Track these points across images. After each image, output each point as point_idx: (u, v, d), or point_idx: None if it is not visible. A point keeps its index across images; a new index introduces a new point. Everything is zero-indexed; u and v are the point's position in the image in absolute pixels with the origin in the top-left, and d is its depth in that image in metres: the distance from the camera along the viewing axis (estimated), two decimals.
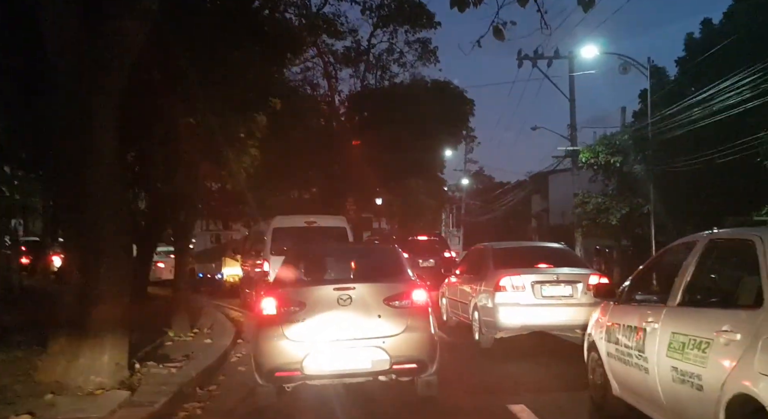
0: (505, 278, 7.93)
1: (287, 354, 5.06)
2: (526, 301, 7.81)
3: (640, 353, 4.09)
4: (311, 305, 5.18)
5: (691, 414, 3.47)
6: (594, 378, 5.16)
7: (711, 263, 3.93)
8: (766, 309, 3.01)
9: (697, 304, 3.82)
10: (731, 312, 3.37)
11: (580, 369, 5.69)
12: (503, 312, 7.80)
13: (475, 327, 8.62)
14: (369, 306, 5.22)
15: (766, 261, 3.16)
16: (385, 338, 5.11)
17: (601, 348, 4.93)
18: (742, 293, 3.43)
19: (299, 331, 5.10)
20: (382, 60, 27.74)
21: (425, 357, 5.21)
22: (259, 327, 5.36)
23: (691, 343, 3.46)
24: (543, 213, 43.33)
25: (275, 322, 5.15)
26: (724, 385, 3.07)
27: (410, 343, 5.16)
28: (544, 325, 8.05)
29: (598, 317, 5.16)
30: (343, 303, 5.19)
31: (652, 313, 4.08)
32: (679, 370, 3.55)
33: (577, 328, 7.55)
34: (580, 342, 7.48)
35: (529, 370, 7.23)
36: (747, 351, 2.97)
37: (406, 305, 5.28)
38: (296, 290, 5.46)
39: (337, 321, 5.15)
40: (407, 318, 5.22)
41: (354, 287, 5.30)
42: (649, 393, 3.99)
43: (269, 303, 5.25)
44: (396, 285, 5.49)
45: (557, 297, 7.86)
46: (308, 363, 5.02)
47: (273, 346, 5.11)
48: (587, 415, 5.28)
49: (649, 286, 4.74)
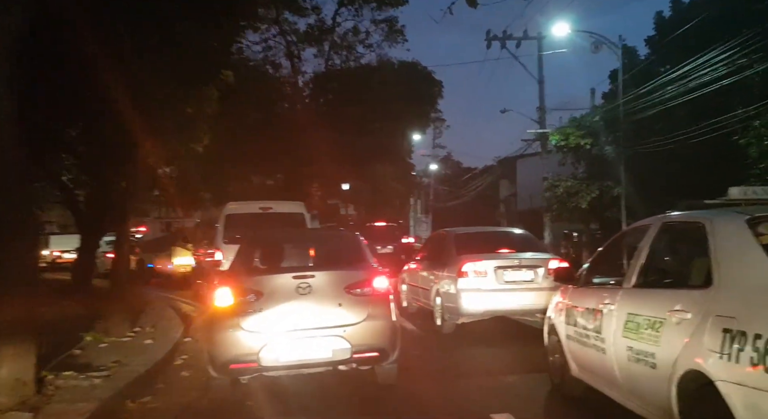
0: (468, 264, 7.88)
1: (243, 345, 4.89)
2: (488, 287, 7.80)
3: (598, 334, 4.17)
4: (268, 294, 5.01)
5: (646, 392, 3.57)
6: (553, 360, 5.22)
7: (664, 246, 4.01)
8: (714, 289, 3.09)
9: (651, 285, 3.89)
10: (683, 293, 3.44)
11: (539, 351, 5.74)
12: (466, 298, 7.77)
13: (436, 314, 8.52)
14: (329, 295, 5.09)
15: (715, 243, 3.24)
16: (346, 327, 5.00)
17: (560, 331, 5.01)
18: (693, 274, 3.51)
19: (256, 321, 4.93)
20: (348, 39, 26.70)
21: (386, 345, 5.13)
22: (212, 317, 5.17)
23: (646, 323, 3.54)
24: (511, 198, 43.12)
25: (230, 312, 4.97)
26: (676, 362, 3.15)
27: (371, 331, 5.07)
28: (507, 310, 8.04)
29: (558, 300, 5.23)
30: (303, 291, 5.03)
31: (609, 295, 4.16)
32: (634, 349, 3.63)
33: (538, 312, 7.53)
34: (539, 326, 7.61)
35: (489, 354, 7.24)
36: (697, 329, 3.04)
37: (368, 293, 5.18)
38: (252, 279, 5.27)
39: (296, 311, 5.00)
40: (368, 306, 5.12)
41: (314, 275, 5.15)
42: (606, 373, 4.08)
43: (223, 292, 5.06)
44: (357, 272, 5.36)
45: (519, 282, 7.89)
46: (265, 354, 4.86)
47: (228, 337, 4.92)
48: (546, 396, 5.27)
49: (607, 269, 4.75)
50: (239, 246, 6.18)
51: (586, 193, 19.81)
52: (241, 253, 5.91)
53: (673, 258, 4.08)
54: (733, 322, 2.83)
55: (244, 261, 5.81)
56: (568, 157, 21.41)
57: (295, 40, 26.24)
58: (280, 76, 26.56)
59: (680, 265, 3.90)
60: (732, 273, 3.10)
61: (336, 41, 27.09)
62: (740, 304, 2.93)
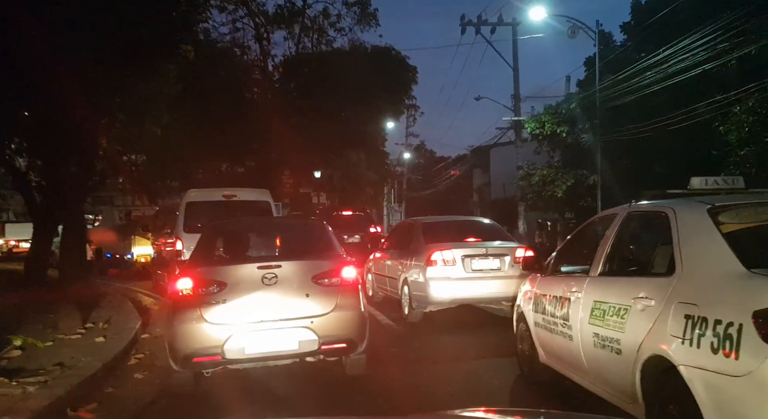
0: (437, 252, 7.90)
1: (206, 337, 4.74)
2: (456, 275, 7.84)
3: (565, 321, 4.24)
4: (233, 285, 4.86)
5: (611, 377, 3.64)
6: (522, 348, 5.29)
7: (629, 234, 4.08)
8: (677, 276, 3.16)
9: (616, 274, 3.96)
10: (647, 280, 3.52)
11: (504, 338, 5.87)
12: (434, 287, 7.81)
13: (404, 302, 8.53)
14: (296, 285, 4.97)
15: (678, 232, 3.31)
16: (314, 318, 4.90)
17: (529, 319, 5.07)
18: (657, 262, 3.56)
19: (220, 313, 4.78)
20: (318, 22, 25.92)
21: (355, 336, 5.06)
22: (174, 309, 4.96)
23: (611, 310, 3.61)
24: (484, 187, 43.04)
25: (192, 304, 4.80)
26: (640, 348, 3.23)
27: (340, 322, 4.99)
28: (474, 298, 8.10)
29: (527, 289, 5.27)
30: (269, 282, 4.90)
31: (576, 283, 4.22)
32: (600, 336, 3.70)
33: (504, 300, 7.71)
34: (503, 314, 7.81)
35: (455, 342, 7.27)
36: (660, 315, 3.11)
37: (336, 283, 5.08)
38: (216, 269, 5.12)
39: (262, 302, 4.87)
40: (337, 296, 5.03)
41: (280, 265, 5.02)
42: (573, 359, 4.16)
43: (185, 283, 4.89)
44: (325, 262, 5.25)
45: (486, 270, 7.96)
46: (230, 347, 4.72)
47: (190, 330, 4.76)
48: (515, 383, 5.33)
49: (574, 258, 4.78)
50: (201, 235, 5.90)
51: (562, 182, 19.62)
52: (202, 242, 5.68)
53: (637, 247, 4.14)
54: (694, 309, 2.89)
55: (206, 251, 5.62)
56: (543, 145, 21.21)
57: (263, 22, 25.34)
58: (248, 59, 25.67)
59: (645, 254, 3.94)
60: (693, 260, 3.16)
61: (306, 24, 26.31)
62: (701, 291, 3.00)
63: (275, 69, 27.14)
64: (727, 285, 2.89)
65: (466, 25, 23.64)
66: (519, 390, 5.15)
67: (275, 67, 27.14)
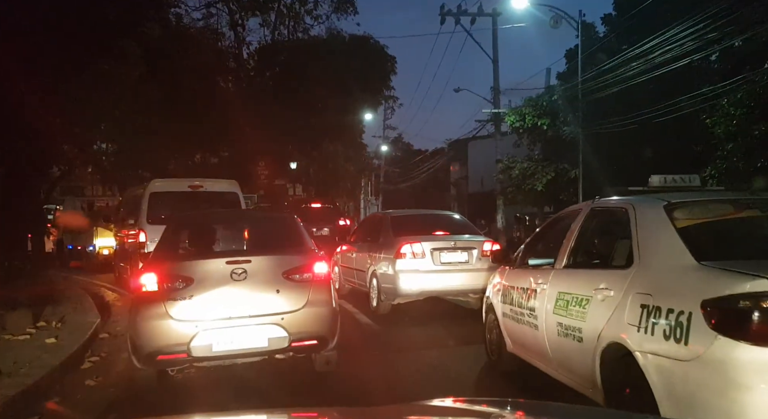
0: (406, 245, 8.00)
1: (172, 335, 4.57)
2: (425, 268, 7.95)
3: (531, 312, 4.42)
4: (200, 280, 4.69)
5: (573, 364, 3.80)
6: (491, 338, 5.45)
7: (592, 229, 4.24)
8: (634, 269, 3.33)
9: (580, 266, 4.13)
10: (607, 272, 3.67)
11: (472, 329, 6.09)
12: (404, 279, 7.90)
13: (372, 295, 8.57)
14: (267, 281, 4.84)
15: (636, 227, 3.49)
16: (284, 314, 4.78)
17: (497, 310, 5.21)
18: (617, 255, 3.69)
19: (186, 309, 4.61)
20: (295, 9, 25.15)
21: (326, 332, 4.95)
22: (137, 305, 4.77)
23: (574, 301, 3.77)
24: (462, 180, 42.83)
25: (157, 300, 4.62)
26: (600, 336, 3.39)
27: (311, 319, 4.87)
28: (442, 290, 8.20)
29: (495, 281, 5.42)
30: (237, 278, 4.74)
31: (542, 276, 4.39)
32: (563, 325, 3.86)
33: (471, 293, 7.85)
34: (470, 307, 8.05)
35: (424, 333, 7.38)
36: (619, 305, 3.28)
37: (308, 279, 4.95)
38: (182, 264, 4.96)
39: (231, 298, 4.72)
40: (308, 292, 4.90)
41: (249, 260, 4.85)
42: (539, 348, 4.32)
43: (149, 278, 4.70)
44: (296, 257, 5.11)
45: (455, 263, 8.07)
46: (197, 345, 4.57)
47: (154, 327, 4.58)
48: (483, 372, 5.44)
49: (541, 251, 4.89)
50: (165, 227, 5.70)
51: (542, 175, 19.36)
52: (167, 235, 5.48)
53: (600, 241, 4.25)
54: (649, 299, 3.06)
55: (171, 245, 5.44)
56: (523, 138, 20.92)
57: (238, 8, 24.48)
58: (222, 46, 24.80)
59: (606, 247, 4.04)
60: (650, 254, 3.34)
61: (282, 11, 25.51)
62: (656, 282, 3.17)
63: (250, 57, 26.34)
64: (680, 276, 3.06)
65: (445, 15, 23.20)
66: (487, 378, 5.31)
67: (250, 54, 26.35)
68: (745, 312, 2.59)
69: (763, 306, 2.56)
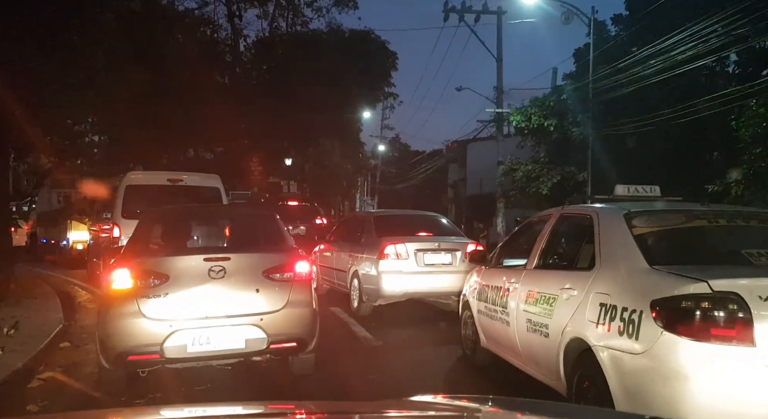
0: (390, 246, 7.94)
1: (144, 334, 4.41)
2: (408, 269, 7.91)
3: (504, 309, 4.70)
4: (176, 278, 4.53)
5: (540, 358, 4.09)
6: (466, 333, 5.72)
7: (561, 233, 4.53)
8: (596, 271, 3.65)
9: (548, 267, 4.41)
10: (572, 273, 3.99)
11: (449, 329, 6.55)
12: (387, 280, 7.84)
13: (353, 296, 8.49)
14: (246, 280, 4.71)
15: (599, 233, 3.83)
16: (264, 315, 4.65)
17: (473, 307, 5.46)
18: (581, 258, 3.98)
19: (160, 308, 4.45)
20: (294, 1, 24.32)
21: (306, 334, 4.85)
22: (108, 302, 4.59)
23: (542, 299, 4.08)
24: (460, 182, 42.13)
25: (129, 297, 4.45)
26: (564, 332, 3.71)
27: (291, 320, 4.76)
28: (425, 292, 8.18)
29: (471, 280, 5.69)
30: (216, 276, 4.60)
31: (515, 275, 4.67)
32: (532, 322, 4.17)
33: (454, 295, 7.72)
34: (450, 309, 8.04)
35: (404, 332, 7.48)
36: (581, 303, 3.61)
37: (288, 278, 4.83)
38: (157, 260, 4.74)
39: (208, 297, 4.57)
40: (289, 292, 4.79)
41: (228, 257, 4.72)
42: (509, 342, 4.60)
43: (122, 274, 4.50)
44: (277, 255, 5.01)
45: (438, 265, 8.04)
46: (170, 345, 4.41)
47: (126, 325, 4.41)
48: (459, 364, 5.70)
49: (515, 253, 5.09)
50: (139, 221, 5.52)
51: (547, 178, 18.64)
52: (140, 230, 5.29)
53: (567, 244, 4.55)
54: (607, 298, 3.37)
55: (146, 239, 5.25)
56: (528, 139, 20.23)
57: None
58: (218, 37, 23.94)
59: (572, 250, 4.29)
60: (609, 257, 3.62)
61: (281, 2, 24.68)
62: (613, 283, 3.46)
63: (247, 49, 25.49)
64: (634, 278, 3.36)
65: (449, 11, 22.59)
66: (462, 371, 5.59)
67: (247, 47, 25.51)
68: (687, 312, 2.90)
69: (703, 306, 2.87)
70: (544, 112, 18.45)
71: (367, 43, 24.15)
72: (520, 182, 19.56)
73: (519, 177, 19.54)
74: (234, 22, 24.04)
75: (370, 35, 24.33)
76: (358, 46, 23.61)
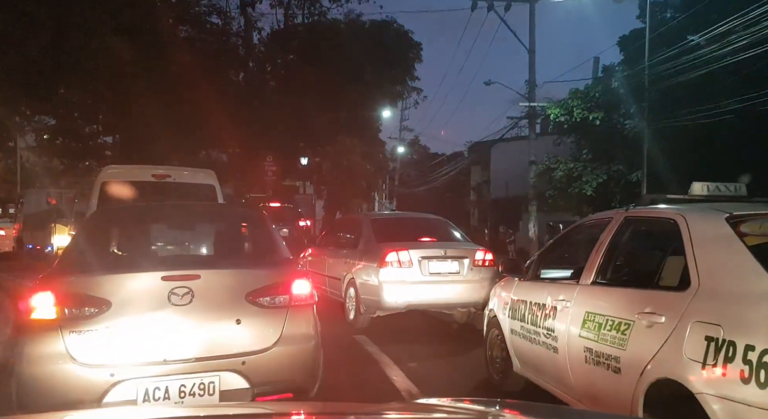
0: (392, 253, 7.36)
1: (73, 388, 3.17)
2: (412, 278, 7.34)
3: (549, 332, 4.05)
4: (121, 305, 3.27)
5: (604, 397, 3.47)
6: (493, 355, 5.14)
7: (627, 241, 3.86)
8: (693, 292, 2.91)
9: (613, 284, 3.76)
10: (654, 294, 3.29)
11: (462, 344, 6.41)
12: (388, 290, 7.28)
13: (349, 306, 7.91)
14: (222, 306, 3.45)
15: (693, 242, 3.08)
16: (247, 356, 3.40)
17: (503, 326, 4.88)
18: (665, 274, 3.35)
19: (97, 349, 3.22)
20: None
21: (305, 381, 3.58)
22: (25, 342, 3.26)
23: (608, 324, 3.41)
24: (483, 185, 40.46)
25: (52, 333, 3.21)
26: (645, 369, 3.03)
27: (285, 363, 3.51)
28: (430, 304, 7.64)
29: (500, 293, 5.09)
30: (179, 302, 3.33)
31: (564, 292, 4.01)
32: (593, 352, 3.50)
33: (461, 306, 7.49)
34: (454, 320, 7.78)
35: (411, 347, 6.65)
36: (673, 334, 2.89)
37: (282, 303, 3.57)
38: (95, 279, 3.38)
39: (167, 332, 3.31)
40: (282, 322, 3.53)
41: (198, 275, 3.41)
42: (557, 373, 3.98)
43: (43, 300, 3.23)
44: (266, 271, 3.72)
45: (444, 273, 7.49)
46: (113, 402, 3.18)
47: (48, 375, 3.17)
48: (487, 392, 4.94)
49: (558, 264, 4.54)
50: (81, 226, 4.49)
51: (592, 178, 16.83)
52: (82, 236, 4.05)
53: (638, 256, 3.94)
54: (717, 330, 2.66)
55: (86, 249, 3.88)
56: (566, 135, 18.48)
57: None
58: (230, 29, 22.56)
59: (648, 263, 3.66)
60: (714, 275, 2.92)
61: None
62: (726, 311, 2.74)
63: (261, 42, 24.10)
64: (760, 305, 2.61)
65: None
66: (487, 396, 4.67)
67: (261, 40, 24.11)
68: None
69: None
70: (587, 104, 16.67)
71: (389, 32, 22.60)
72: (560, 182, 17.77)
73: (559, 176, 17.75)
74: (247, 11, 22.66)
75: (392, 25, 22.79)
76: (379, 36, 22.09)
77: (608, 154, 17.18)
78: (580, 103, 16.83)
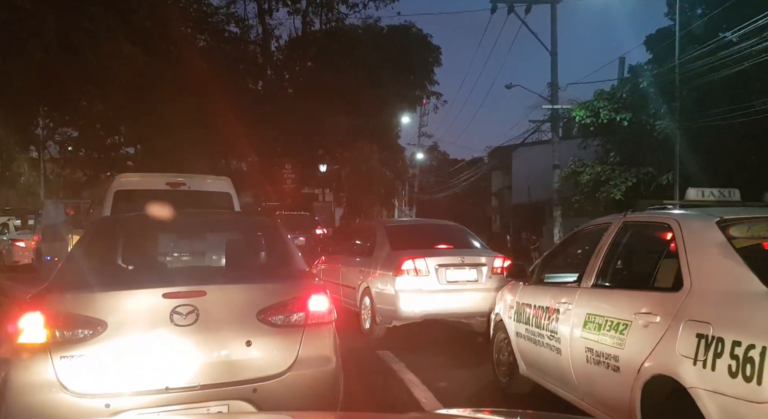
0: (408, 261, 7.21)
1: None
2: (429, 287, 7.19)
3: (553, 334, 4.13)
4: (118, 326, 2.99)
5: (605, 394, 3.54)
6: (499, 358, 5.18)
7: (626, 245, 3.96)
8: (685, 292, 3.03)
9: (612, 286, 3.87)
10: (650, 295, 3.40)
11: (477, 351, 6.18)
12: (405, 299, 7.13)
13: (364, 316, 7.76)
14: (230, 327, 3.15)
15: (686, 245, 3.21)
16: (258, 383, 3.10)
17: (509, 329, 4.94)
18: (660, 276, 3.44)
19: (91, 376, 2.94)
20: None
21: (325, 409, 3.22)
22: (11, 367, 2.97)
23: (608, 325, 3.50)
24: (505, 190, 39.88)
25: (41, 358, 2.93)
26: (642, 367, 3.12)
27: (301, 389, 3.18)
28: (448, 313, 7.44)
29: (506, 297, 5.14)
30: (182, 322, 3.05)
31: (566, 294, 4.13)
32: (594, 351, 3.59)
33: (479, 316, 7.26)
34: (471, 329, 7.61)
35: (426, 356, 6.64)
36: (667, 333, 3.00)
37: (298, 322, 3.25)
38: (89, 297, 3.07)
39: (170, 356, 3.03)
40: (298, 344, 3.23)
41: (204, 291, 3.11)
42: (561, 373, 4.06)
43: (32, 321, 2.95)
44: (280, 285, 3.39)
45: (462, 282, 7.33)
46: None
47: (36, 406, 2.89)
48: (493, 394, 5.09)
49: (560, 268, 4.67)
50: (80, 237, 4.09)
51: (620, 181, 16.27)
52: (80, 249, 3.73)
53: (635, 259, 4.01)
54: (707, 328, 2.78)
55: (83, 264, 3.50)
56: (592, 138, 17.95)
57: None
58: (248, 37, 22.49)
59: (644, 266, 3.75)
60: (704, 276, 3.04)
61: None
62: (715, 309, 2.87)
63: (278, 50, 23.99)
64: (745, 304, 2.77)
65: (497, 1, 20.64)
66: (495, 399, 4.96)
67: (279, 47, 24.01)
68: None
69: None
70: (614, 105, 16.15)
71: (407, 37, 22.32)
72: (587, 186, 17.22)
73: (586, 180, 17.20)
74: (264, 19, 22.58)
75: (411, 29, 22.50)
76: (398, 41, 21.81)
77: (637, 157, 16.61)
78: (607, 104, 16.32)
